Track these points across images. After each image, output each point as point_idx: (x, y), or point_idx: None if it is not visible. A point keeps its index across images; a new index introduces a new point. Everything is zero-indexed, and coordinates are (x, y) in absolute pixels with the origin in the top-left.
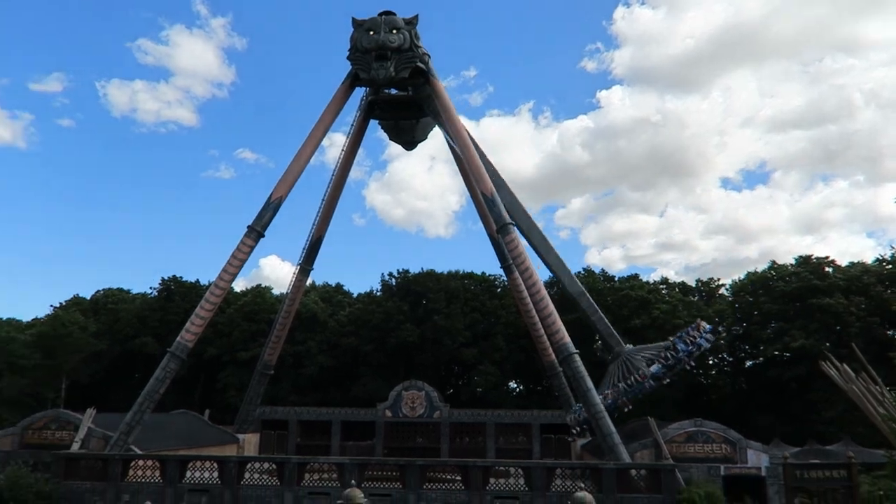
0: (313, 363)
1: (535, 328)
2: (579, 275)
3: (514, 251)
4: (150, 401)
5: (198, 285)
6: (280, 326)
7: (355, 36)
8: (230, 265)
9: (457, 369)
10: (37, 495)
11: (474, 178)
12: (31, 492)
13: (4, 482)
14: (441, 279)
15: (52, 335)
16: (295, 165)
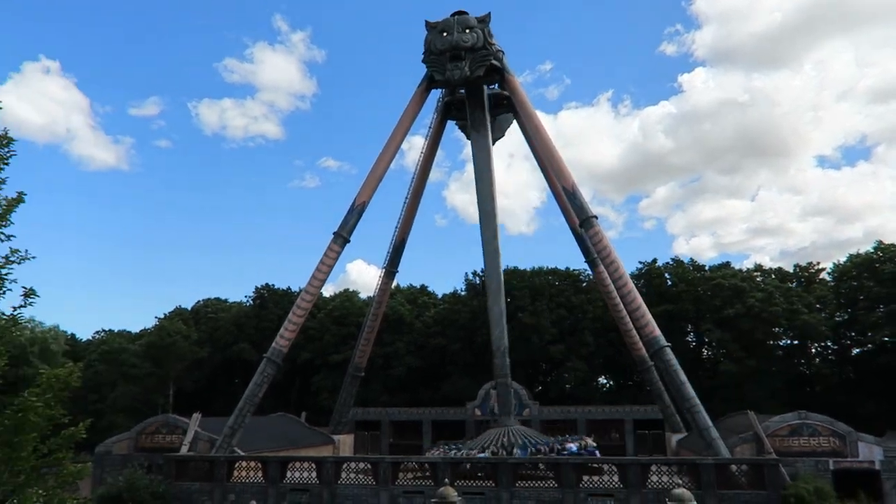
0: (402, 364)
1: (623, 322)
2: (667, 265)
3: (599, 244)
4: (250, 404)
5: (289, 292)
6: (368, 329)
7: (429, 38)
8: (319, 271)
9: (544, 366)
10: (152, 496)
11: (554, 172)
12: (147, 492)
13: (123, 484)
14: (525, 276)
15: (159, 345)
16: (376, 170)
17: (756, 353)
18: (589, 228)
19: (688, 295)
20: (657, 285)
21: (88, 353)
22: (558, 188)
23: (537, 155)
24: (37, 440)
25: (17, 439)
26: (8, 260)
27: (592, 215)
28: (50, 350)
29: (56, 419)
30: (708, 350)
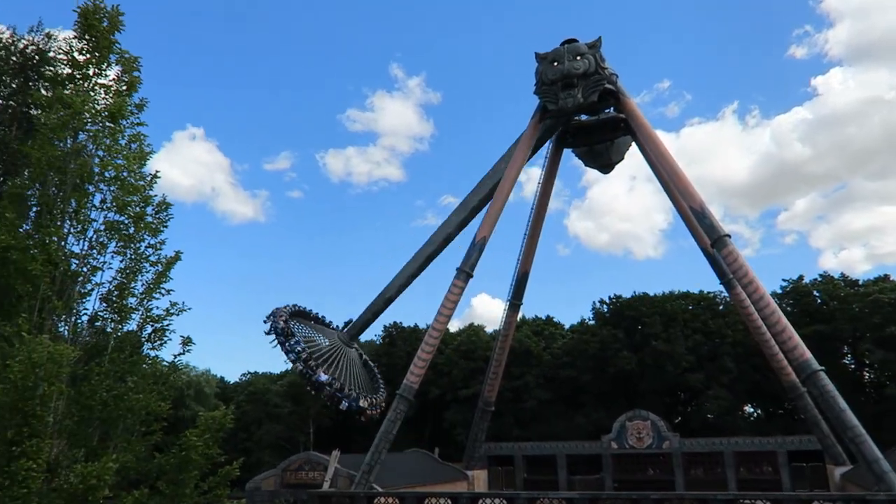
0: (532, 397)
1: (767, 346)
2: (815, 282)
3: (734, 264)
4: (386, 441)
5: (417, 329)
6: (496, 363)
7: (540, 69)
8: (444, 307)
9: (683, 395)
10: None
11: (680, 192)
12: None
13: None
14: (655, 302)
15: (300, 384)
16: (495, 205)
17: None
18: (722, 248)
19: (841, 313)
20: (805, 304)
21: (236, 395)
22: (685, 208)
23: (660, 176)
24: (198, 478)
25: (181, 477)
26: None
27: (725, 234)
28: (203, 392)
29: (213, 458)
30: (869, 373)
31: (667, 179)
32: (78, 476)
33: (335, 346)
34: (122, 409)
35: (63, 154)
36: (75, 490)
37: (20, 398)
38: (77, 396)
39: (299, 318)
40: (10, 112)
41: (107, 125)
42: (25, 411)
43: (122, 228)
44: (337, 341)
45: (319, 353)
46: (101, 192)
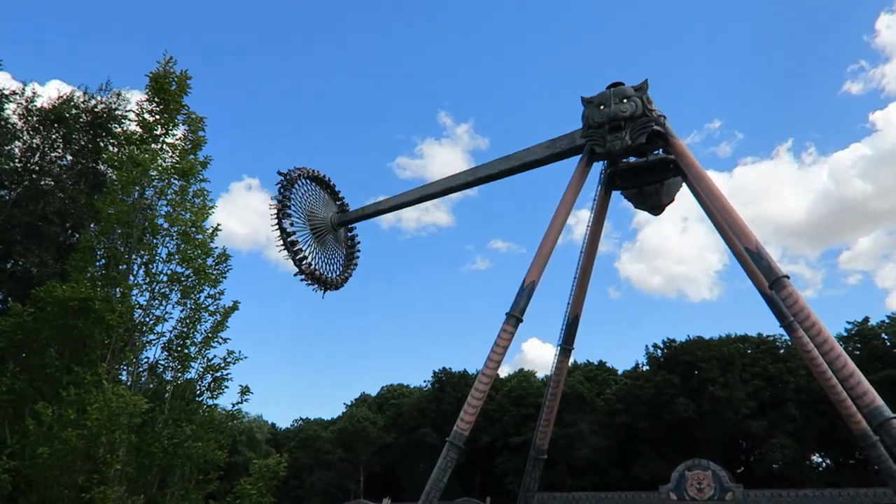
0: (586, 444)
1: (834, 392)
2: (883, 324)
3: (794, 306)
4: (436, 490)
5: (466, 375)
6: (548, 409)
7: (586, 113)
8: (494, 353)
9: (745, 444)
10: None
11: (734, 233)
12: None
13: None
14: (712, 346)
15: (350, 430)
16: (544, 248)
17: None
18: (780, 290)
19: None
20: (873, 348)
21: (288, 441)
22: (740, 249)
23: (713, 216)
24: None
25: None
26: (226, 361)
27: (783, 275)
28: (255, 438)
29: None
30: None
31: (720, 220)
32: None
33: (324, 223)
34: (181, 457)
35: (131, 209)
36: None
37: (93, 445)
38: (139, 444)
39: (317, 183)
40: (79, 168)
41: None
42: (97, 458)
43: (185, 280)
44: (327, 221)
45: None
46: (166, 245)
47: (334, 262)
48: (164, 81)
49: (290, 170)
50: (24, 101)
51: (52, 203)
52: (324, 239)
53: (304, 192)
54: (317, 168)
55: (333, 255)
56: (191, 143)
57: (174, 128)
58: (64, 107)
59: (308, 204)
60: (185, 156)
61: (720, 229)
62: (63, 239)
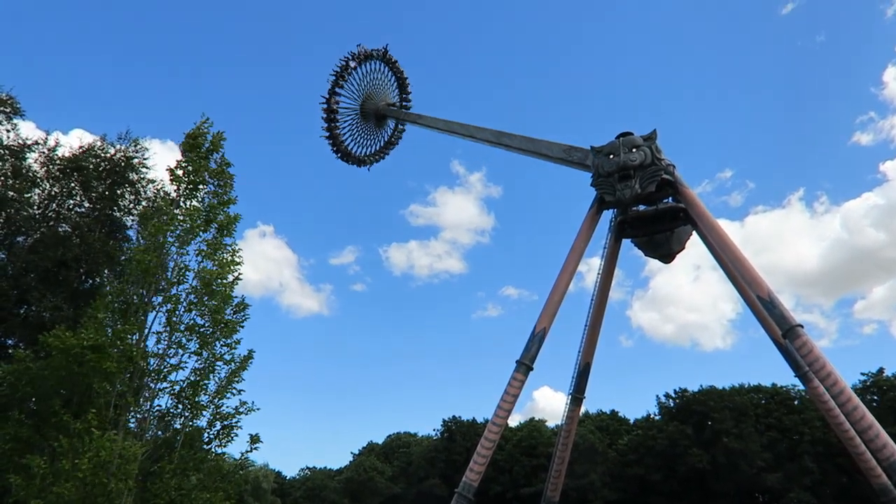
0: (598, 497)
1: (852, 444)
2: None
3: (809, 356)
4: None
5: (475, 423)
6: (559, 460)
7: (596, 162)
8: (504, 401)
9: (761, 497)
10: None
11: (746, 281)
12: None
13: None
14: (725, 396)
15: (357, 480)
16: (554, 296)
17: None
18: (795, 339)
19: None
20: (889, 399)
21: (294, 490)
22: (752, 298)
23: (724, 265)
24: None
25: None
26: (237, 411)
27: (797, 324)
28: (262, 488)
29: None
30: None
31: (731, 269)
32: None
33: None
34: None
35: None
36: None
37: (88, 495)
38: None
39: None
40: (96, 215)
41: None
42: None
43: (203, 329)
44: (377, 106)
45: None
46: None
47: (368, 144)
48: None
49: (372, 49)
50: (46, 150)
51: (71, 249)
52: (370, 120)
53: (375, 74)
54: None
55: (372, 137)
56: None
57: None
58: (83, 156)
59: (372, 84)
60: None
61: (732, 278)
62: (77, 284)
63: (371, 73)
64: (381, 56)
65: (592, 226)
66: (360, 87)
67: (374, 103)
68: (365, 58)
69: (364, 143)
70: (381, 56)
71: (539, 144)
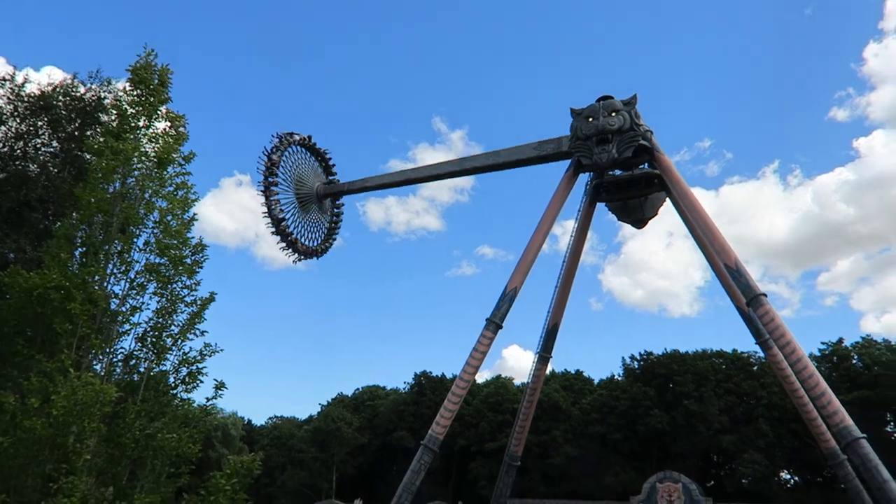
0: (560, 453)
1: (805, 410)
2: (856, 346)
3: (770, 324)
4: (408, 493)
5: (444, 379)
6: (523, 416)
7: (575, 125)
8: (472, 358)
9: (716, 458)
10: None
11: (714, 249)
12: None
13: None
14: (687, 360)
15: (324, 430)
16: (527, 256)
17: None
18: (758, 307)
19: (885, 379)
20: (845, 369)
21: (262, 438)
22: (720, 266)
23: (695, 233)
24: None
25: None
26: (202, 354)
27: (761, 293)
28: (230, 434)
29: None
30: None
31: (701, 236)
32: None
33: (309, 194)
34: (153, 449)
35: (111, 198)
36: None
37: (59, 434)
38: (110, 435)
39: (311, 151)
40: (64, 156)
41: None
42: (65, 448)
43: (163, 270)
44: (312, 191)
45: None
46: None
47: (315, 232)
48: (144, 75)
49: (285, 133)
50: (14, 86)
51: (35, 189)
52: (308, 207)
53: (297, 158)
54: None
55: (316, 224)
56: (173, 137)
57: (156, 120)
58: (53, 94)
59: (298, 170)
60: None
61: (701, 246)
62: (44, 226)
63: (292, 158)
64: (298, 142)
65: (568, 188)
66: (289, 178)
67: (308, 188)
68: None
69: (313, 233)
70: (299, 142)
71: (506, 153)
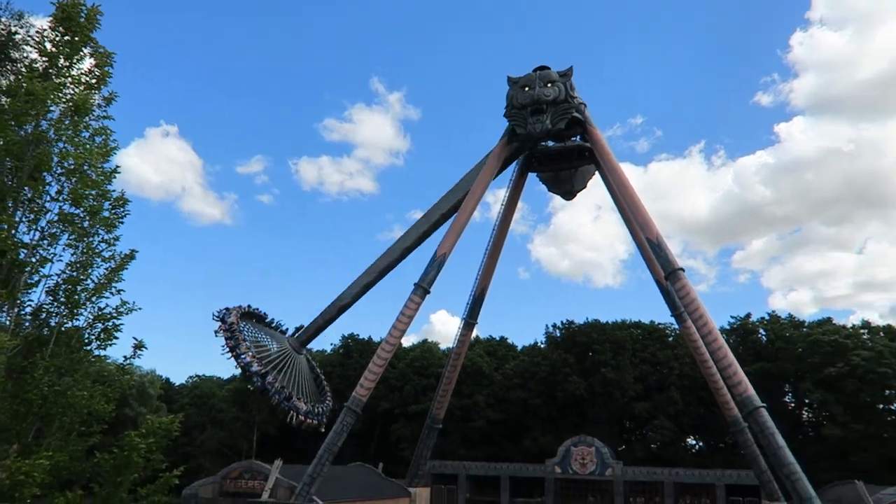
0: (481, 417)
1: (713, 380)
2: (763, 321)
3: (686, 298)
4: (330, 453)
5: (372, 342)
6: (447, 380)
7: (511, 93)
8: (399, 322)
9: (629, 424)
10: None
11: (638, 223)
12: None
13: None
14: (607, 329)
15: (246, 390)
16: (457, 222)
17: (864, 417)
18: (675, 281)
19: (785, 353)
20: (751, 342)
21: (181, 398)
22: (642, 240)
23: (621, 206)
24: (136, 481)
25: (118, 479)
26: (118, 311)
27: (679, 268)
28: (147, 393)
29: (155, 465)
30: (809, 412)
31: (627, 210)
32: (6, 471)
33: (284, 351)
34: (62, 406)
35: (22, 141)
36: (1, 486)
37: None
38: (15, 389)
39: (251, 319)
40: None
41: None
42: None
43: (77, 221)
44: (287, 346)
45: (268, 357)
46: (58, 182)
47: (308, 391)
48: (72, 12)
49: (221, 313)
50: None
51: None
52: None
53: (248, 330)
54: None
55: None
56: (95, 77)
57: (80, 61)
58: None
59: (255, 340)
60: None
61: (626, 219)
62: None
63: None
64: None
65: (502, 156)
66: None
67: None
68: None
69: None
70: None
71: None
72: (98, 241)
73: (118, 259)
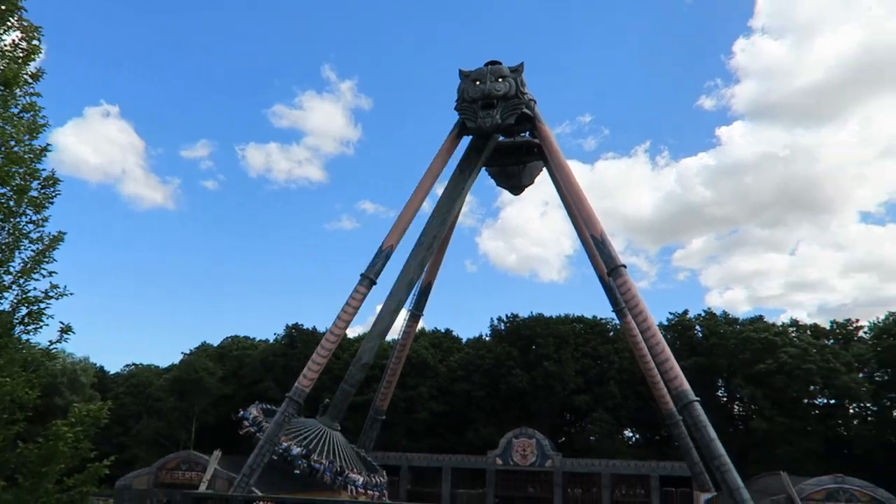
0: (425, 408)
1: (650, 374)
2: (699, 317)
3: (627, 294)
4: (270, 444)
5: (316, 332)
6: (391, 372)
7: (462, 86)
8: (344, 312)
9: (569, 416)
10: None
11: (583, 220)
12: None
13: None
14: (550, 323)
15: (185, 380)
16: (406, 214)
17: (790, 411)
18: (617, 277)
19: (719, 349)
20: (688, 338)
21: (116, 387)
22: (587, 236)
23: (567, 203)
24: (63, 471)
25: (44, 469)
26: (47, 295)
27: (621, 264)
28: (79, 381)
29: (83, 454)
30: (739, 406)
31: (572, 206)
32: None
33: (319, 429)
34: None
35: None
36: None
37: None
38: None
39: (271, 415)
40: None
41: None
42: None
43: (3, 201)
44: (320, 425)
45: (305, 439)
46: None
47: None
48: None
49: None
50: None
51: None
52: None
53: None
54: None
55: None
56: (23, 51)
57: (6, 32)
58: None
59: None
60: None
61: (572, 215)
62: None
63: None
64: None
65: (451, 149)
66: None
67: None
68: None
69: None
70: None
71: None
72: (25, 221)
73: (46, 241)
